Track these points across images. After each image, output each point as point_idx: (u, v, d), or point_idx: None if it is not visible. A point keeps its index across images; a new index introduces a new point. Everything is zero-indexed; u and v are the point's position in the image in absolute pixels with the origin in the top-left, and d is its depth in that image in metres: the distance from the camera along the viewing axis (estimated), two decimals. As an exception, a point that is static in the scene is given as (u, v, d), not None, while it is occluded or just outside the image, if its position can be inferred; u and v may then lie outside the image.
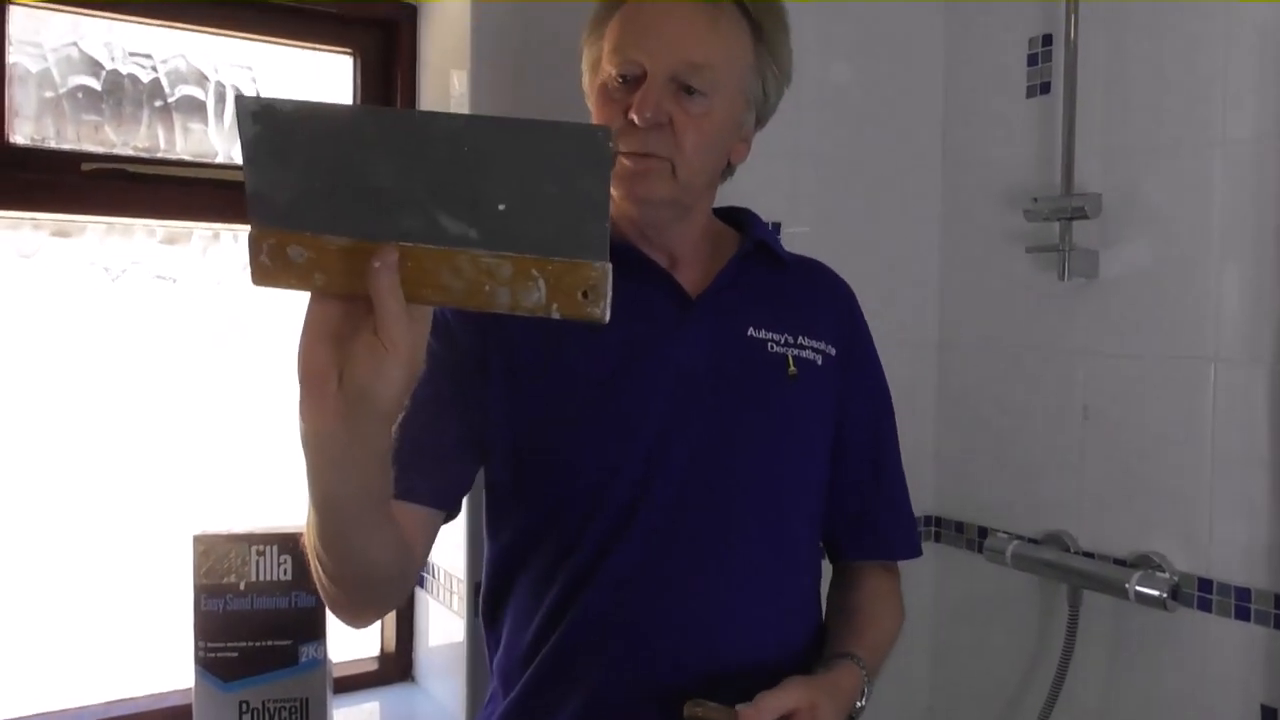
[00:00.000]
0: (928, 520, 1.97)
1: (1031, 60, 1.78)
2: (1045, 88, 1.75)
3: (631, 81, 0.99)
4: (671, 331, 1.03)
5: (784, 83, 1.12)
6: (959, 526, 1.93)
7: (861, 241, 1.85)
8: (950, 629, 1.95)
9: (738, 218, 1.19)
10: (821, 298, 1.18)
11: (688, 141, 0.99)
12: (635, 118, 0.97)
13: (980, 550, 1.79)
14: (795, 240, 1.76)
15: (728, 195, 1.69)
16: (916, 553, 1.23)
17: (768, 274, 1.13)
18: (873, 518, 1.19)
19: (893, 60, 1.88)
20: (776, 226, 1.75)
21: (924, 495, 1.97)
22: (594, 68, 1.06)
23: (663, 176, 1.00)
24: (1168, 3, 1.57)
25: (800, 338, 1.10)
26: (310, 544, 0.83)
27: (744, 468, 1.05)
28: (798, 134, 1.76)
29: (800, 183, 1.78)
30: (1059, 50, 1.70)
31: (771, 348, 1.08)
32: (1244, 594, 1.48)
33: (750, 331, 1.08)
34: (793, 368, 1.08)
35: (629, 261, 1.02)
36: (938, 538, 1.96)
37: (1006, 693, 1.83)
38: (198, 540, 1.34)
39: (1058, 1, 1.68)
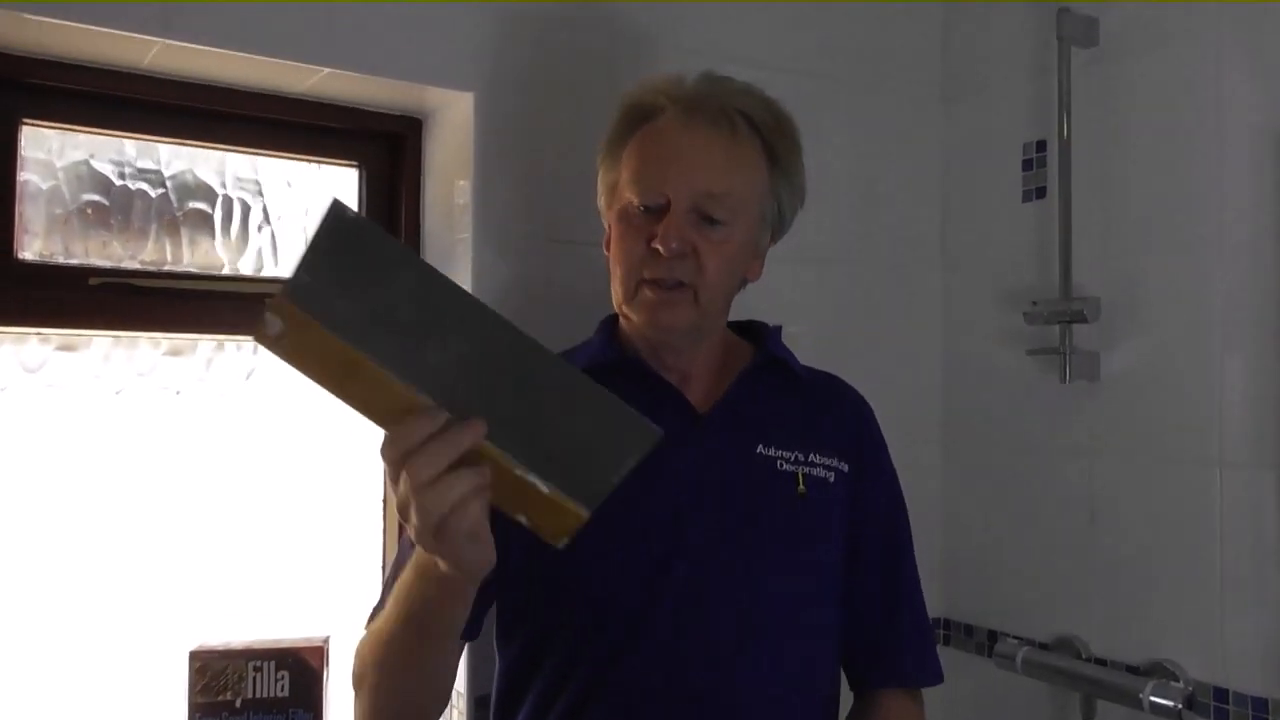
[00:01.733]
0: (936, 623, 1.94)
1: (1026, 165, 1.81)
2: (1041, 192, 1.78)
3: (654, 210, 1.01)
4: (679, 449, 1.02)
5: (798, 200, 1.15)
6: (968, 630, 1.90)
7: (863, 342, 1.86)
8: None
9: (752, 329, 1.21)
10: (834, 413, 1.18)
11: (710, 268, 1.01)
12: (661, 248, 0.99)
13: (990, 654, 1.76)
14: (794, 340, 1.77)
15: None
16: (938, 679, 1.21)
17: (780, 389, 1.13)
18: (893, 642, 1.17)
19: (891, 163, 1.91)
20: (777, 329, 1.75)
21: (932, 597, 1.92)
22: (612, 191, 1.08)
23: (686, 304, 1.02)
24: (1159, 107, 1.60)
25: (811, 455, 1.10)
26: (373, 677, 0.93)
27: (747, 586, 1.04)
28: (798, 235, 1.77)
29: (801, 284, 1.79)
30: (1053, 155, 1.73)
31: (781, 465, 1.08)
32: (1260, 704, 1.44)
33: (760, 449, 1.08)
34: (802, 486, 1.08)
35: (638, 378, 1.04)
36: (947, 640, 1.93)
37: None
38: (194, 656, 1.32)
39: (1051, 106, 1.71)
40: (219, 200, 1.49)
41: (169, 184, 1.45)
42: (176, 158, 1.45)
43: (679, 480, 1.02)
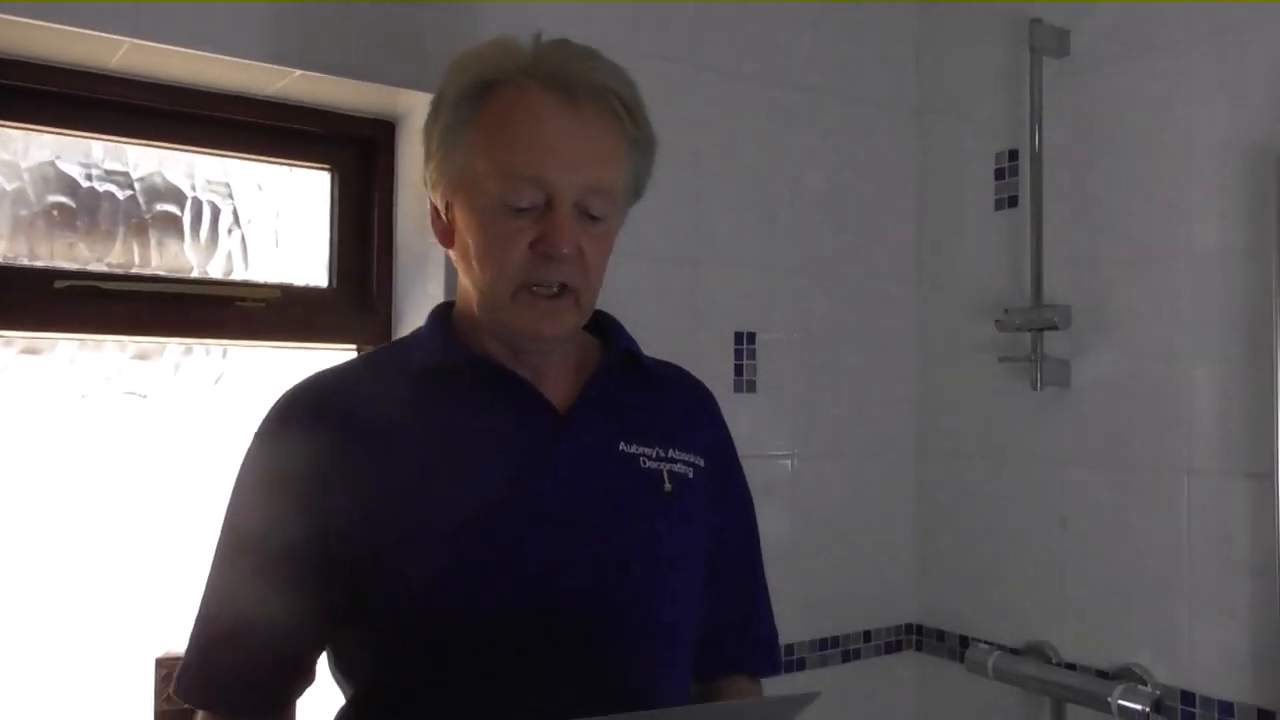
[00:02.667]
0: (909, 629, 1.94)
1: (999, 174, 1.82)
2: (1013, 201, 1.79)
3: (530, 209, 0.91)
4: (544, 452, 0.96)
5: (653, 152, 1.02)
6: (940, 635, 1.90)
7: (838, 351, 1.87)
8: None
9: (599, 322, 1.09)
10: (687, 407, 1.12)
11: (593, 268, 0.94)
12: (552, 254, 0.91)
13: (962, 660, 1.76)
14: (771, 347, 1.77)
15: (703, 297, 1.71)
16: (779, 669, 1.19)
17: (633, 383, 1.05)
18: (750, 637, 1.15)
19: (865, 173, 1.92)
20: (751, 336, 1.76)
21: (905, 603, 1.95)
22: (461, 179, 0.95)
23: (570, 310, 0.95)
24: (1130, 119, 1.62)
25: (671, 451, 1.04)
26: None
27: (615, 587, 0.98)
28: (773, 244, 1.79)
29: (776, 292, 1.80)
30: (1025, 164, 1.74)
31: (644, 462, 1.01)
32: (1226, 708, 1.46)
33: (621, 447, 1.01)
34: (668, 485, 1.02)
35: (493, 378, 0.97)
36: (919, 646, 1.94)
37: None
38: (160, 663, 1.30)
39: (1023, 116, 1.72)
40: (188, 203, 1.47)
41: (137, 186, 1.43)
42: (145, 159, 1.43)
43: (548, 482, 0.95)
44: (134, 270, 1.42)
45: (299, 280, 1.55)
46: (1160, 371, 1.57)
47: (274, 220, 1.55)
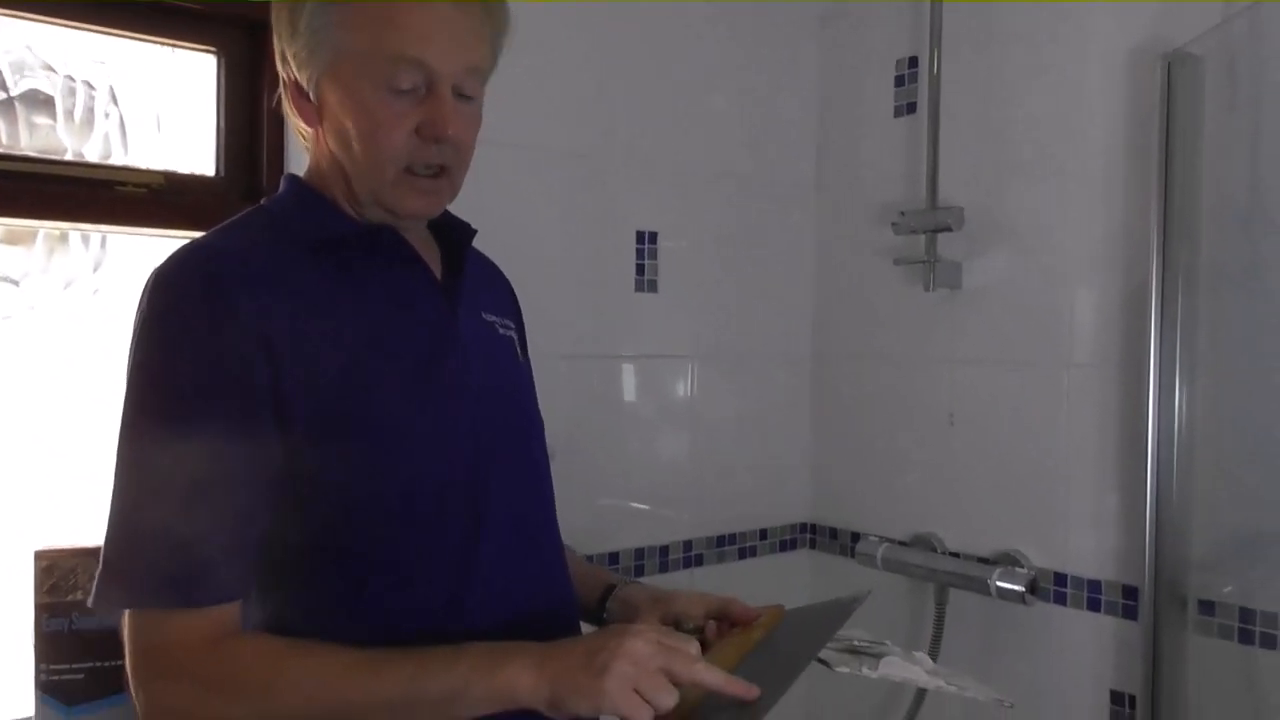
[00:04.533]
0: (803, 528, 2.00)
1: (899, 81, 1.85)
2: (911, 107, 1.82)
3: (411, 90, 0.91)
4: (448, 324, 0.98)
5: (511, 32, 1.01)
6: (833, 533, 1.96)
7: (739, 256, 1.88)
8: (825, 634, 1.98)
9: None
10: (498, 278, 1.17)
11: (466, 149, 0.96)
12: (437, 138, 0.91)
13: (853, 555, 1.83)
14: (673, 248, 1.78)
15: (604, 196, 1.70)
16: None
17: (472, 258, 1.07)
18: None
19: (768, 79, 1.92)
20: (654, 236, 1.76)
21: (800, 503, 2.00)
22: (343, 56, 0.92)
23: (448, 189, 0.97)
24: (1025, 26, 1.65)
25: (504, 319, 1.09)
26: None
27: (529, 457, 1.04)
28: (675, 150, 1.78)
29: (678, 198, 1.80)
30: (924, 71, 1.77)
31: (499, 330, 1.06)
32: (1095, 586, 1.55)
33: (484, 316, 1.05)
34: (517, 349, 1.09)
35: (392, 252, 0.97)
36: (813, 544, 2.00)
37: (882, 692, 1.87)
38: (39, 556, 1.25)
39: (923, 25, 1.74)
40: (60, 81, 1.39)
41: (3, 61, 1.35)
42: (11, 32, 1.35)
43: (460, 353, 0.97)
44: (2, 150, 1.34)
45: (184, 168, 1.49)
46: (1046, 271, 1.62)
47: (155, 104, 1.48)
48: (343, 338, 0.91)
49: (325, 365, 0.89)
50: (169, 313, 0.88)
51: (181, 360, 0.87)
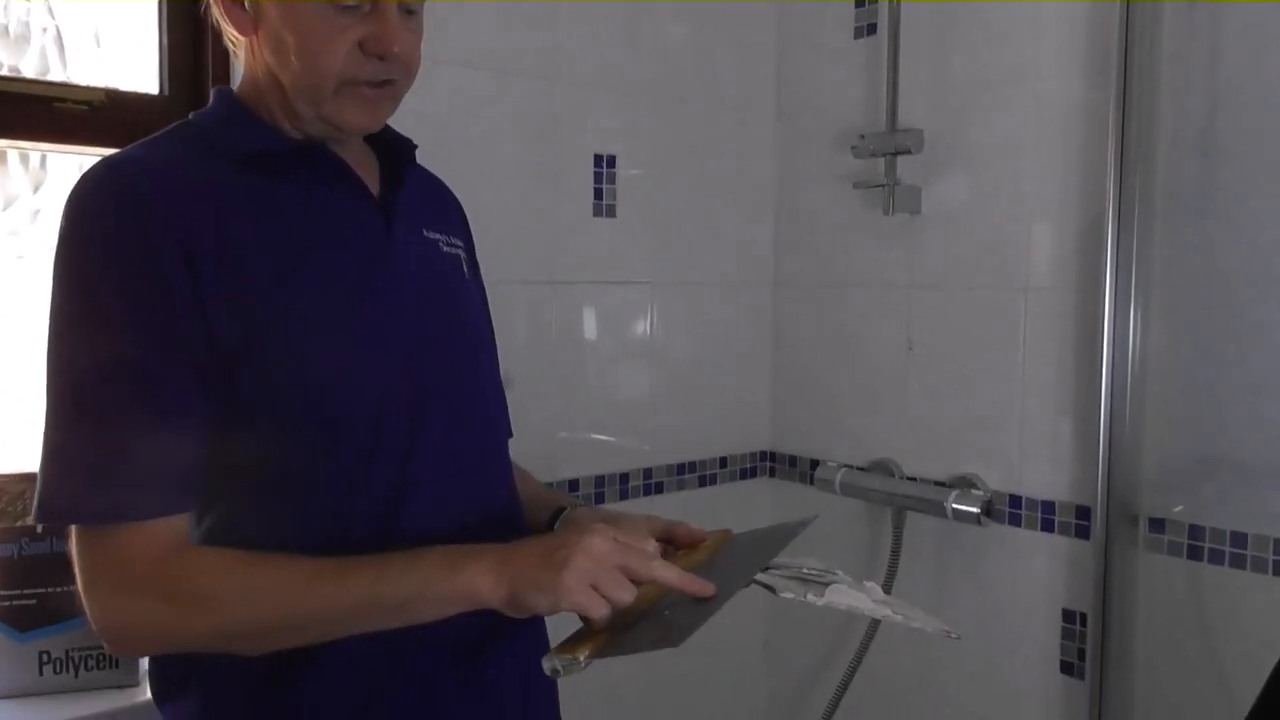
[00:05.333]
0: (763, 455, 2.01)
1: (859, 2, 1.82)
2: (872, 29, 1.80)
3: (355, 6, 0.89)
4: (384, 242, 0.96)
5: None
6: (792, 460, 1.98)
7: (698, 181, 1.86)
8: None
9: None
10: (446, 195, 1.15)
11: (413, 62, 0.95)
12: (385, 57, 0.90)
13: (812, 482, 1.84)
14: (632, 184, 1.76)
15: (561, 118, 1.66)
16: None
17: (413, 173, 1.06)
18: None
19: (725, 3, 1.89)
20: (612, 160, 1.74)
21: (759, 431, 2.01)
22: None
23: (390, 101, 0.95)
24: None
25: (451, 237, 1.07)
26: (238, 612, 0.82)
27: (477, 364, 1.04)
28: (634, 74, 1.75)
29: (637, 123, 1.77)
30: (884, -9, 1.74)
31: (444, 248, 1.05)
32: (1049, 507, 1.57)
33: (426, 233, 1.03)
34: (465, 269, 1.08)
35: (325, 168, 0.95)
36: (772, 472, 2.01)
37: (839, 614, 1.89)
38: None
39: (883, -57, 1.72)
40: (-8, -9, 1.34)
41: (-70, -33, 1.29)
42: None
43: (394, 271, 0.96)
44: (-69, 62, 1.29)
45: (127, 85, 1.44)
46: (1005, 195, 1.62)
47: (95, 18, 1.42)
48: (270, 249, 0.89)
49: (252, 276, 0.87)
50: (87, 224, 0.85)
51: (102, 272, 0.84)
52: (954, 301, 1.69)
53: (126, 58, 1.44)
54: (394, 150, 1.04)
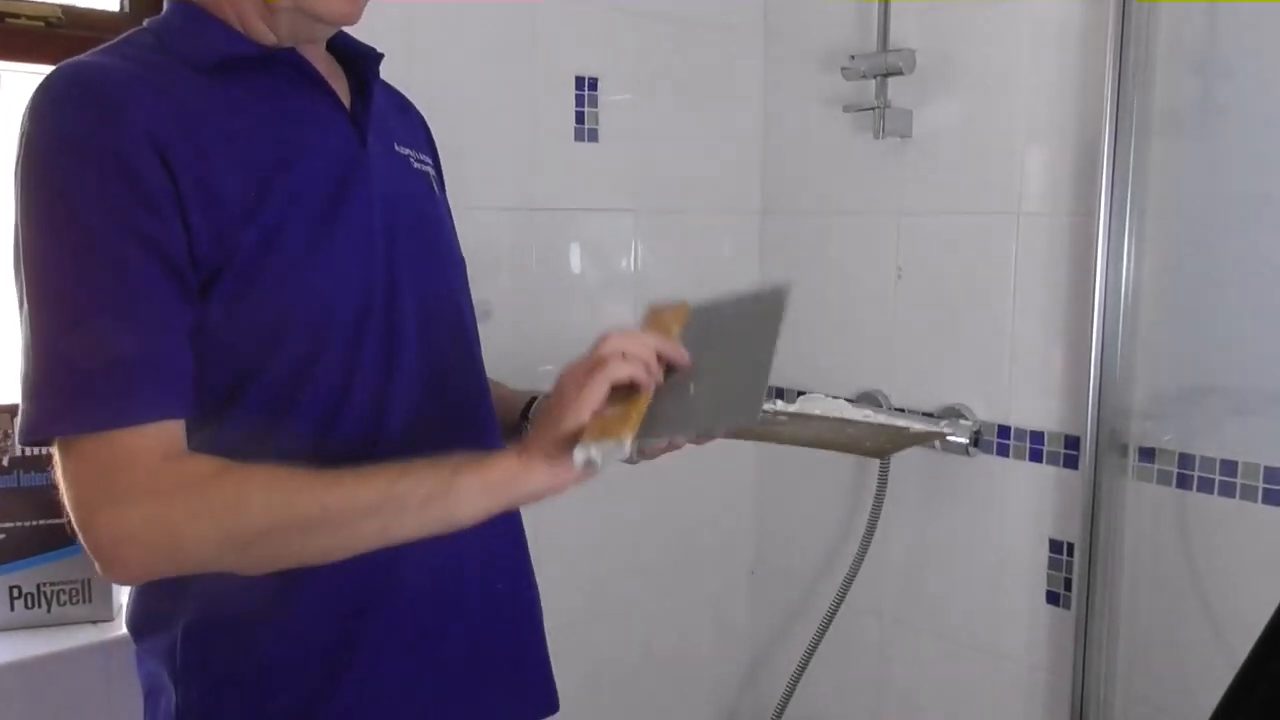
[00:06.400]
0: (750, 387, 1.98)
1: (850, -84, 1.75)
2: (864, -55, 1.73)
3: None
4: (357, 155, 0.92)
5: None
6: (779, 392, 1.95)
7: (683, 104, 1.81)
8: (770, 489, 1.99)
9: None
10: (410, 109, 1.11)
11: None
12: None
13: (799, 413, 1.82)
14: (615, 108, 1.70)
15: (540, 37, 1.60)
16: None
17: (372, 83, 1.00)
18: None
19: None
20: (594, 82, 1.68)
21: (746, 362, 1.97)
22: None
23: None
24: None
25: (419, 153, 1.03)
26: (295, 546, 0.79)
27: (450, 288, 1.01)
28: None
29: (621, 45, 1.71)
30: (876, -96, 1.67)
31: (414, 164, 1.01)
32: (1038, 437, 1.55)
33: (396, 148, 0.99)
34: (435, 187, 1.04)
35: (296, 74, 0.91)
36: (759, 404, 1.98)
37: (826, 543, 1.89)
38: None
39: None
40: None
41: None
42: None
43: (371, 186, 0.92)
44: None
45: (84, 2, 1.37)
46: (998, 117, 1.57)
47: (48, -70, 1.35)
48: (242, 155, 0.84)
49: (225, 182, 0.82)
50: (52, 126, 0.80)
51: (74, 172, 0.79)
52: (945, 228, 1.66)
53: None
54: (359, 61, 0.99)
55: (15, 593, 1.23)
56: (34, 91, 0.82)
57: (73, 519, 0.78)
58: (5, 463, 1.23)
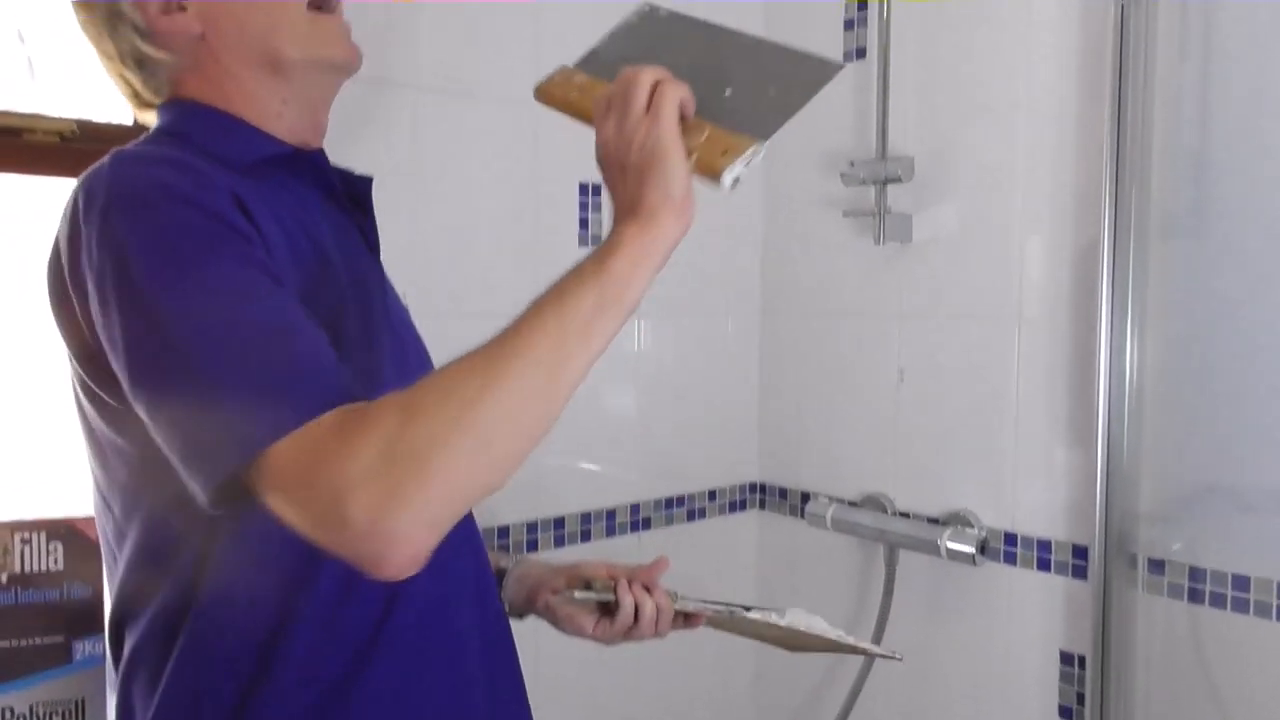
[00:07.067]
0: (752, 488, 1.97)
1: (848, 25, 1.79)
2: (861, 53, 1.77)
3: None
4: (370, 257, 0.96)
5: None
6: (782, 493, 1.94)
7: (684, 206, 1.82)
8: (775, 593, 1.96)
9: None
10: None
11: None
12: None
13: (803, 515, 1.80)
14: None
15: (545, 146, 1.63)
16: None
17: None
18: None
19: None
20: (596, 188, 1.70)
21: (748, 462, 1.97)
22: None
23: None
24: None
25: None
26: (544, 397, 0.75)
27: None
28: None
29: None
30: (874, 15, 1.71)
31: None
32: (1045, 546, 1.53)
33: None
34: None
35: (324, 180, 0.94)
36: (762, 505, 1.97)
37: (831, 655, 1.85)
38: (-51, 531, 1.19)
39: (873, -32, 1.69)
40: (-44, 21, 1.30)
41: (-109, -2, 1.25)
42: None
43: (384, 288, 0.96)
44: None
45: (99, 116, 1.40)
46: (997, 223, 1.59)
47: (66, 48, 1.38)
48: (300, 246, 0.85)
49: (284, 271, 0.80)
50: (141, 183, 0.78)
51: (168, 219, 0.76)
52: (946, 331, 1.66)
53: (99, 87, 1.41)
54: (355, 182, 0.99)
55: (8, 714, 1.21)
56: (88, 180, 0.80)
57: (324, 519, 0.70)
58: (4, 579, 1.21)
